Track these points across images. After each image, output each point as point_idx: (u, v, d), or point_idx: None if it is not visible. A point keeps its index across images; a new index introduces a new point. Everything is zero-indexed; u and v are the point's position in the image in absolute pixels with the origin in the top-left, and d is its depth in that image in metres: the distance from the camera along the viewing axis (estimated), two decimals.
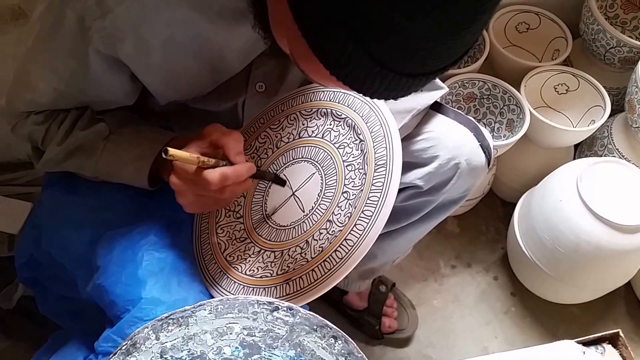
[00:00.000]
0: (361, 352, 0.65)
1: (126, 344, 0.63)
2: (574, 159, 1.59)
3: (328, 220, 0.81)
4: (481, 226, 1.68)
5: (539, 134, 1.44)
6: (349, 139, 0.87)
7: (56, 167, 0.92)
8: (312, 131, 0.91)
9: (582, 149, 1.62)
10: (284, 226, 0.86)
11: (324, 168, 0.87)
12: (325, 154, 0.88)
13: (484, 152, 1.01)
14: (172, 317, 0.65)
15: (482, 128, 1.02)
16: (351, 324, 1.48)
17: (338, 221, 0.80)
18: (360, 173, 0.83)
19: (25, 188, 1.52)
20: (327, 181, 0.86)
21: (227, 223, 0.91)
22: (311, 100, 0.93)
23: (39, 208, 1.01)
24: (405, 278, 1.57)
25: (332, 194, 0.84)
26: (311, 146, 0.90)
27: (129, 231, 0.90)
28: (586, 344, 0.90)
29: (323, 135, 0.90)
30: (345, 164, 0.85)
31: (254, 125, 0.97)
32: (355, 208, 0.79)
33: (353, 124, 0.87)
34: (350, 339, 0.66)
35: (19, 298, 1.38)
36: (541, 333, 1.51)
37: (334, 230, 0.79)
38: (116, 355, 0.62)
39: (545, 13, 1.57)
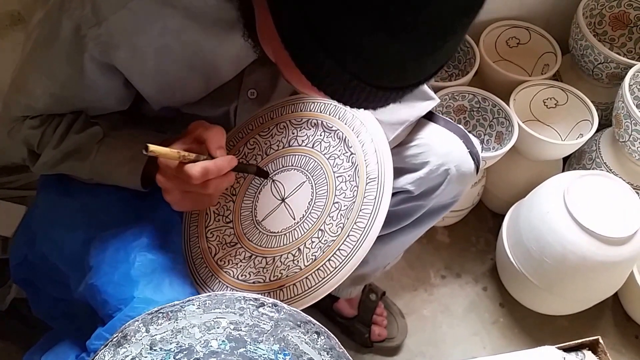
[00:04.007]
0: (342, 348, 0.67)
1: (117, 335, 0.65)
2: (563, 171, 1.61)
3: (320, 229, 0.83)
4: (471, 237, 1.69)
5: (528, 146, 1.47)
6: (339, 151, 0.89)
7: (51, 169, 0.93)
8: (302, 140, 0.92)
9: (570, 162, 1.64)
10: (274, 232, 0.87)
11: (314, 177, 0.88)
12: (316, 163, 0.89)
13: (473, 159, 1.03)
14: (161, 311, 0.67)
15: (471, 136, 1.04)
16: (341, 331, 1.48)
17: (330, 231, 0.81)
18: (352, 185, 0.84)
19: (19, 192, 1.52)
20: (317, 190, 0.87)
21: (217, 227, 0.92)
22: (301, 110, 0.95)
23: (33, 209, 1.02)
24: (395, 287, 1.58)
25: (323, 204, 0.85)
26: (301, 155, 0.91)
27: (121, 232, 0.91)
28: (567, 350, 0.91)
29: (313, 145, 0.91)
30: (336, 174, 0.87)
31: (242, 131, 0.98)
32: (347, 219, 0.80)
33: (344, 136, 0.89)
34: (333, 335, 0.68)
35: (11, 300, 1.39)
36: (529, 344, 1.52)
37: (326, 240, 0.81)
38: (107, 347, 0.64)
39: (536, 28, 1.60)
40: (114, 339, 0.64)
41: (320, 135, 0.92)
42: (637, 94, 1.46)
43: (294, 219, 0.86)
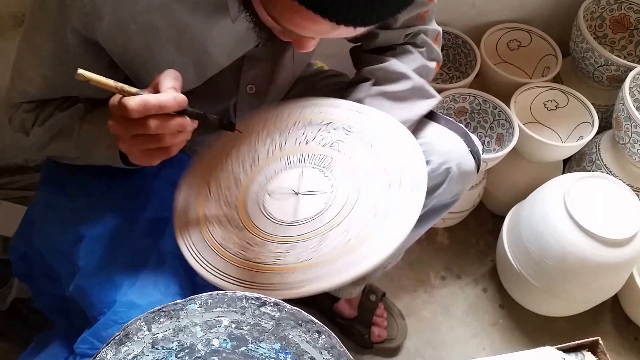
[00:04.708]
0: (343, 347, 0.67)
1: (119, 334, 0.65)
2: (563, 173, 1.62)
3: (348, 218, 0.81)
4: (471, 238, 1.70)
5: (528, 148, 1.47)
6: (362, 150, 0.88)
7: (41, 150, 0.93)
8: (320, 140, 0.91)
9: (570, 164, 1.64)
10: (296, 222, 0.83)
11: (333, 174, 0.86)
12: (333, 161, 0.88)
13: (474, 157, 1.03)
14: (163, 309, 0.67)
15: (471, 134, 1.05)
16: (341, 332, 1.48)
17: (363, 216, 0.80)
18: (383, 178, 0.83)
19: (21, 192, 1.53)
20: (338, 185, 0.85)
21: (217, 212, 0.88)
22: (321, 113, 0.94)
23: (32, 207, 1.03)
24: (395, 289, 1.58)
25: (346, 196, 0.83)
26: (318, 154, 0.90)
27: (110, 233, 0.91)
28: (566, 350, 0.92)
29: (331, 145, 0.90)
30: (363, 171, 0.85)
31: (256, 124, 0.96)
32: (380, 209, 0.79)
33: (369, 140, 0.88)
34: (334, 334, 0.68)
35: (12, 300, 1.40)
36: (528, 345, 1.52)
37: (355, 229, 0.79)
38: (109, 345, 0.64)
39: (536, 31, 1.61)
40: (116, 338, 0.65)
41: (340, 137, 0.90)
42: (638, 96, 1.47)
43: (319, 210, 0.83)
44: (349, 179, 0.85)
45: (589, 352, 0.92)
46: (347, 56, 1.13)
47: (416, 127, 1.04)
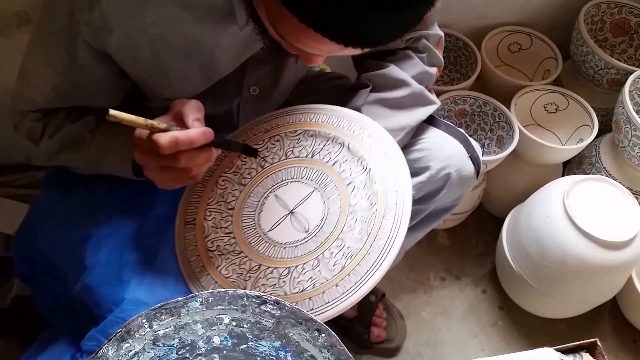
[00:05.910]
0: (343, 345, 0.68)
1: (121, 331, 0.66)
2: (563, 176, 1.62)
3: (339, 238, 0.82)
4: (471, 240, 1.70)
5: (528, 150, 1.48)
6: (343, 157, 0.88)
7: (50, 160, 0.93)
8: (299, 151, 0.91)
9: (570, 167, 1.65)
10: (286, 243, 0.84)
11: (321, 186, 0.87)
12: (320, 173, 0.88)
13: (473, 163, 1.04)
14: (165, 307, 0.68)
15: (471, 140, 1.05)
16: (340, 332, 1.47)
17: (352, 238, 0.80)
18: (367, 189, 0.83)
19: (22, 190, 1.53)
20: (327, 198, 0.85)
21: (216, 238, 0.89)
22: (295, 122, 0.94)
23: (36, 206, 1.03)
24: (395, 289, 1.59)
25: (338, 212, 0.84)
26: (302, 167, 0.90)
27: (117, 232, 0.91)
28: (565, 352, 0.92)
29: (312, 155, 0.90)
30: (346, 181, 0.86)
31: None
32: (371, 225, 0.80)
33: (346, 143, 0.88)
34: (333, 333, 0.69)
35: (13, 298, 1.40)
36: (527, 347, 1.53)
37: (350, 247, 0.80)
38: (110, 342, 0.65)
39: (537, 34, 1.61)
40: (118, 334, 0.65)
41: (319, 145, 0.90)
42: (637, 99, 1.47)
43: (307, 230, 0.84)
44: (339, 194, 0.86)
45: (587, 354, 0.92)
46: (350, 58, 1.13)
47: (416, 132, 1.04)
